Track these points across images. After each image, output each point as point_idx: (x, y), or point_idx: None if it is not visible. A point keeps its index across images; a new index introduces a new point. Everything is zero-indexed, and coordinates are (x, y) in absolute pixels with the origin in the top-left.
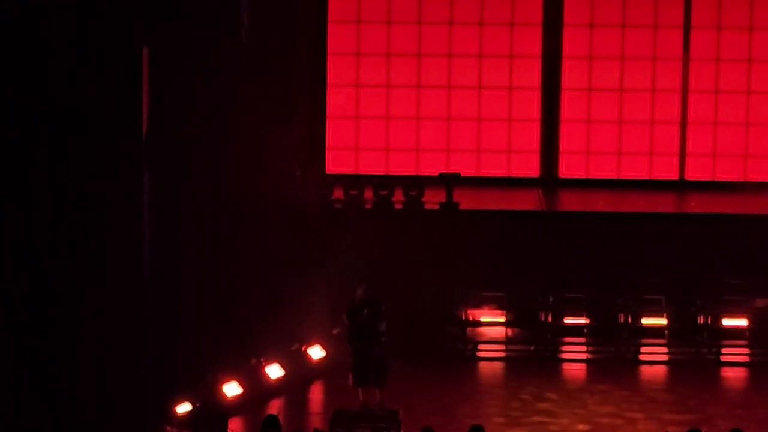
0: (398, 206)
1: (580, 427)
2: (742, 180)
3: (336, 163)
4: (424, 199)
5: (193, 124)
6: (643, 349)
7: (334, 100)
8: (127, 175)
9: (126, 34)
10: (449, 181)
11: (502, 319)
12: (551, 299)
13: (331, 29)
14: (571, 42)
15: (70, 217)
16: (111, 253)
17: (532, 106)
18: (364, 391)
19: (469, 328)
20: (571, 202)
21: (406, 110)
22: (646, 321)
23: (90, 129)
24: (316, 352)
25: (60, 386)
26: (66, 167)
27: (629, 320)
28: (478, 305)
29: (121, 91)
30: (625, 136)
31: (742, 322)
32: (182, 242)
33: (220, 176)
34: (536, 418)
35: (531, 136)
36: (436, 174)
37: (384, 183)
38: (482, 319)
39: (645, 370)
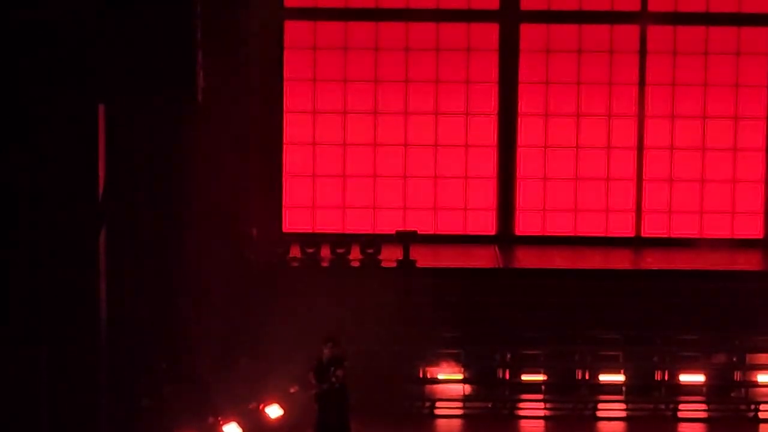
0: (355, 264)
1: None
2: (698, 236)
3: (293, 222)
4: (381, 257)
5: (148, 184)
6: (600, 405)
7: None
8: (83, 235)
9: (81, 92)
10: (406, 239)
11: (460, 377)
12: (509, 356)
13: (287, 87)
14: (527, 99)
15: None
16: (67, 315)
17: (488, 163)
18: None
19: (426, 386)
20: (527, 259)
21: (363, 168)
22: (603, 377)
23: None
24: (273, 411)
25: None
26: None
27: (587, 376)
28: (435, 363)
29: (77, 151)
30: (581, 193)
31: (700, 377)
32: (138, 302)
33: (176, 236)
34: None
35: (487, 193)
36: (393, 232)
37: (341, 241)
38: (440, 377)
39: (603, 426)
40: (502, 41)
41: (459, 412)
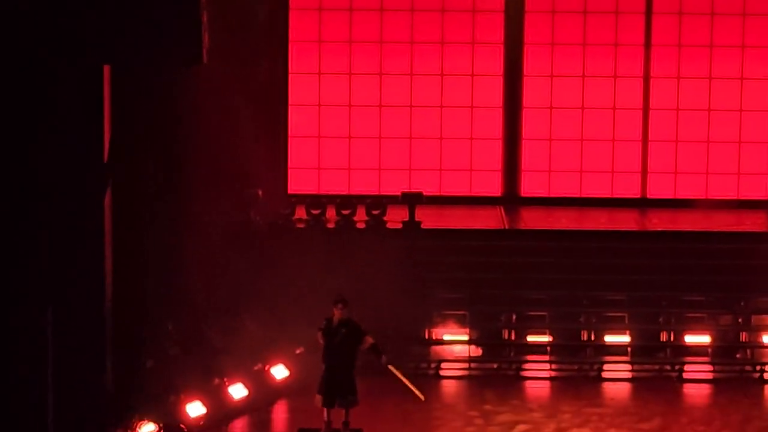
0: (361, 225)
1: None
2: (703, 197)
3: (298, 183)
4: (386, 218)
5: (154, 145)
6: (606, 366)
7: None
8: (88, 195)
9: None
10: (412, 201)
11: (465, 338)
12: (514, 317)
13: (293, 48)
14: (532, 60)
15: (30, 238)
16: (71, 273)
17: (494, 124)
18: (330, 412)
19: (432, 347)
20: (533, 220)
21: (368, 129)
22: (609, 338)
23: (51, 150)
24: (279, 372)
25: (18, 407)
26: (26, 186)
27: (592, 337)
28: (441, 323)
29: (82, 111)
30: (586, 154)
31: (705, 338)
32: (144, 263)
33: (180, 197)
34: None
35: (493, 154)
36: (399, 193)
37: (346, 202)
38: (445, 338)
39: (608, 387)
40: (508, 2)
41: (464, 373)
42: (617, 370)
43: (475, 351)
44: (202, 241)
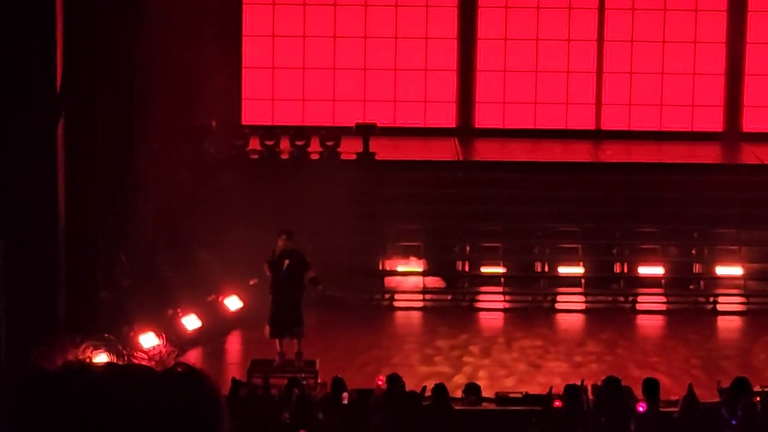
0: (315, 156)
1: (497, 373)
2: (657, 129)
3: (252, 114)
4: (340, 150)
5: (106, 73)
6: (559, 298)
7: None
8: (39, 125)
9: None
10: (366, 132)
11: (420, 269)
12: (468, 249)
13: None
14: None
15: None
16: (23, 204)
17: (448, 56)
18: (281, 343)
19: (386, 278)
20: (487, 152)
21: (323, 60)
22: (562, 269)
23: (3, 79)
24: (233, 303)
25: None
26: None
27: (546, 269)
28: (395, 255)
29: (35, 39)
30: (541, 85)
31: (658, 270)
32: (96, 195)
33: (132, 127)
34: (452, 366)
35: (447, 86)
36: (353, 124)
37: (300, 133)
38: (399, 269)
39: (561, 318)
40: None
41: (419, 304)
42: (571, 301)
43: (429, 282)
44: (155, 171)
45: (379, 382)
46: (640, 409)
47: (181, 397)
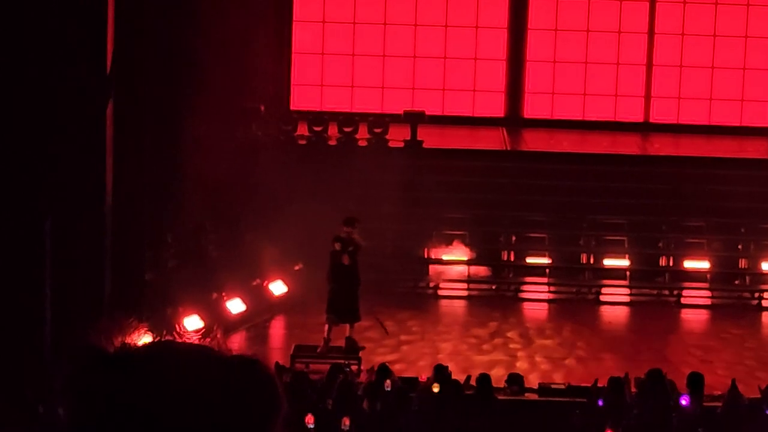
0: (362, 143)
1: (540, 364)
2: (706, 123)
3: (301, 100)
4: (388, 137)
5: (156, 55)
6: (604, 290)
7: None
8: (90, 106)
9: None
10: (414, 119)
11: (465, 258)
12: (514, 238)
13: None
14: None
15: (30, 149)
16: (71, 185)
17: (498, 45)
18: (331, 330)
19: (431, 266)
20: (535, 142)
21: (372, 48)
22: (608, 262)
23: (52, 59)
24: (278, 288)
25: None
26: (26, 97)
27: (591, 260)
28: (440, 243)
29: (86, 21)
30: (590, 77)
31: (704, 264)
32: (144, 175)
33: (182, 110)
34: (496, 356)
35: (497, 75)
36: (401, 112)
37: (348, 120)
38: (444, 258)
39: (606, 310)
40: None
41: (463, 293)
42: (615, 294)
43: (474, 271)
44: (203, 154)
45: (424, 379)
46: (684, 402)
47: (246, 379)
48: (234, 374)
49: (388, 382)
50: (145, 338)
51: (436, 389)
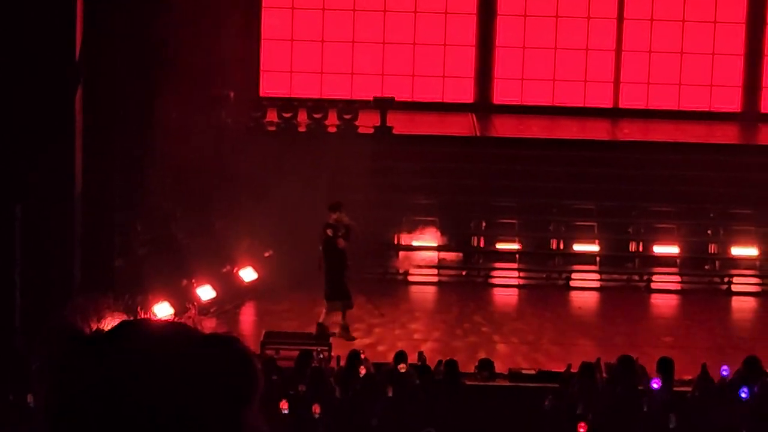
0: (332, 129)
1: (510, 349)
2: (675, 108)
3: (270, 86)
4: (357, 123)
5: (125, 42)
6: (574, 275)
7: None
8: (58, 92)
9: None
10: (383, 105)
11: (435, 244)
12: (484, 224)
13: None
14: None
15: (2, 136)
16: (42, 172)
17: (467, 31)
18: (330, 315)
19: (401, 252)
20: (504, 128)
21: (342, 34)
22: (578, 247)
23: (23, 48)
24: (248, 274)
25: None
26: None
27: (561, 246)
28: (410, 229)
29: (55, 9)
30: (559, 62)
31: (674, 249)
32: (113, 162)
33: (151, 97)
34: (466, 341)
35: (466, 61)
36: (371, 98)
37: (318, 106)
38: (415, 244)
39: (576, 295)
40: None
41: (433, 279)
42: (585, 279)
43: (445, 257)
44: (173, 142)
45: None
46: (655, 386)
47: (224, 356)
48: (212, 351)
49: (362, 368)
50: (114, 323)
51: (402, 369)
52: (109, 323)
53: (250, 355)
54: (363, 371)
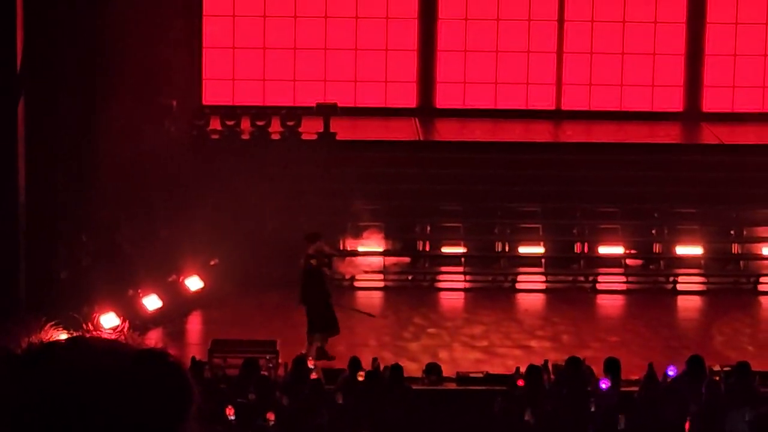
0: (275, 137)
1: (457, 353)
2: (617, 109)
3: (212, 94)
4: (301, 130)
5: (67, 51)
6: (520, 278)
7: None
8: (1, 105)
9: None
10: (326, 112)
11: (380, 249)
12: (428, 228)
13: None
14: None
15: None
16: None
17: (409, 35)
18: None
19: (347, 258)
20: (448, 132)
21: (283, 40)
22: (523, 249)
23: None
24: (194, 283)
25: None
26: None
27: (506, 249)
28: (356, 235)
29: None
30: (501, 65)
31: (618, 249)
32: (57, 173)
33: (94, 107)
34: (413, 346)
35: (408, 66)
36: (314, 104)
37: (261, 113)
38: (360, 249)
39: (522, 297)
40: None
41: (380, 284)
42: (531, 281)
43: (390, 262)
44: (117, 151)
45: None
46: (603, 386)
47: (155, 370)
48: (142, 366)
49: (313, 375)
50: (58, 336)
51: (361, 378)
52: (43, 341)
53: (182, 369)
54: (315, 376)
